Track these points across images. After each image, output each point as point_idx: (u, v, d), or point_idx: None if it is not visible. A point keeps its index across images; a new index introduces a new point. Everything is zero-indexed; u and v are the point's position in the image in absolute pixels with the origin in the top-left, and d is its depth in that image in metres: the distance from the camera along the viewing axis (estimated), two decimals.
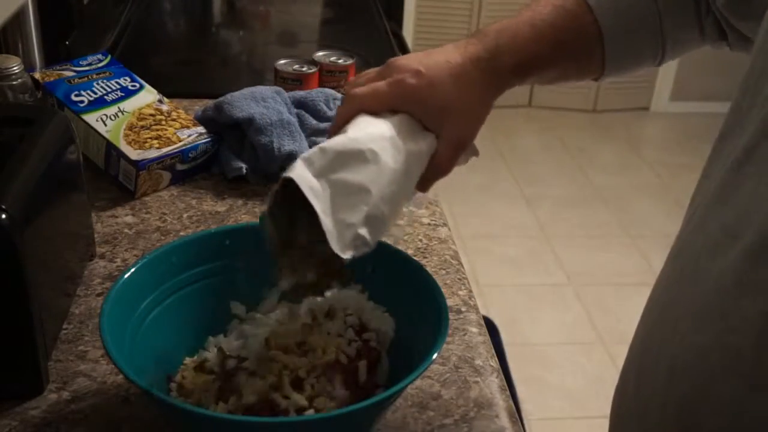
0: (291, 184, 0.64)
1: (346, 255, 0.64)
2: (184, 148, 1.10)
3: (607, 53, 0.78)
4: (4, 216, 0.68)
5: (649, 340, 0.66)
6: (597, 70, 0.80)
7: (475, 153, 0.77)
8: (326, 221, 0.63)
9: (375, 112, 0.71)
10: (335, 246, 0.63)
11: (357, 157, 0.66)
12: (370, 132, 0.68)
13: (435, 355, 0.65)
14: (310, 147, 1.13)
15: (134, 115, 1.12)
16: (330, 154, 0.65)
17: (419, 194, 0.74)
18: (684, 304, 0.61)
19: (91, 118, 1.10)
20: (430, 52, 0.75)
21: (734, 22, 0.74)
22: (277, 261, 0.69)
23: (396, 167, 0.67)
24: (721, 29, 0.76)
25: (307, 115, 1.18)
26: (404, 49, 1.81)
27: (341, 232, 0.64)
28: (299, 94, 1.22)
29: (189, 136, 1.12)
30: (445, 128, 0.72)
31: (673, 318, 0.62)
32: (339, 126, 0.71)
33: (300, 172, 0.64)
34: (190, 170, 1.13)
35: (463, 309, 0.90)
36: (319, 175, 0.64)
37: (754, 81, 0.58)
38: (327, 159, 0.65)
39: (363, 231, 0.64)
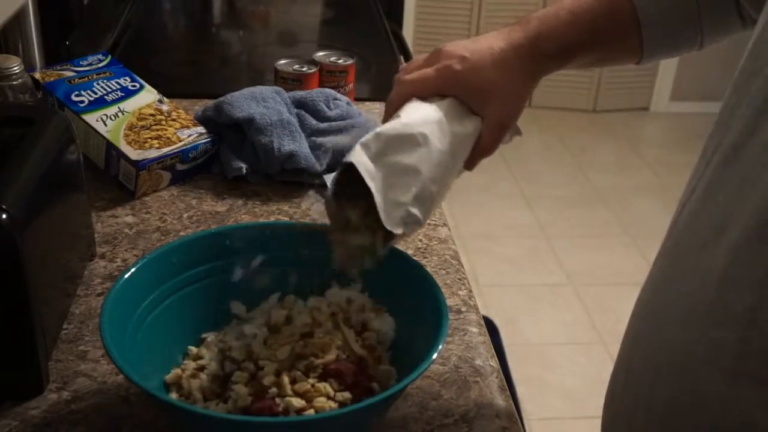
0: (350, 167, 0.69)
1: (398, 231, 0.69)
2: (184, 148, 1.10)
3: (645, 39, 0.79)
4: (4, 216, 0.68)
5: (638, 340, 0.67)
6: (636, 55, 0.82)
7: (518, 132, 0.82)
8: (380, 200, 0.68)
9: (424, 97, 0.75)
10: (387, 222, 0.68)
11: (409, 140, 0.71)
12: (420, 116, 0.73)
13: (435, 355, 0.65)
14: (311, 147, 1.13)
15: (134, 115, 1.12)
16: (384, 139, 0.70)
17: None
18: (671, 302, 0.61)
19: (91, 118, 1.10)
20: (477, 39, 0.79)
21: (752, 14, 0.76)
22: (333, 240, 0.74)
23: (443, 149, 0.72)
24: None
25: (307, 115, 1.18)
26: (404, 49, 1.81)
27: (393, 210, 0.69)
28: (299, 94, 1.22)
29: (189, 136, 1.12)
30: (489, 111, 0.76)
31: (660, 317, 0.62)
32: (391, 111, 0.76)
33: (359, 157, 0.69)
34: (190, 170, 1.13)
35: (463, 309, 0.90)
36: (375, 158, 0.70)
37: (743, 81, 0.59)
38: (381, 143, 0.70)
39: (414, 209, 0.70)
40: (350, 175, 0.69)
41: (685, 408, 0.58)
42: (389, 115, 0.76)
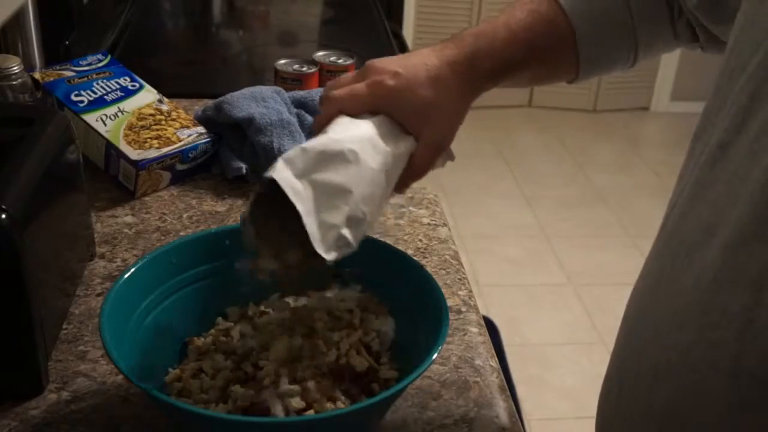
0: (273, 184, 0.64)
1: (330, 256, 0.64)
2: (184, 148, 1.10)
3: (581, 56, 0.79)
4: (4, 216, 0.68)
5: (631, 344, 0.67)
6: (571, 73, 0.81)
7: (451, 157, 0.77)
8: (309, 222, 0.63)
9: (354, 114, 0.71)
10: (319, 247, 0.63)
11: (338, 157, 0.66)
12: (351, 133, 0.68)
13: (435, 355, 0.65)
14: None
15: (134, 115, 1.12)
16: (311, 154, 0.65)
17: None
18: (664, 304, 0.61)
19: (91, 118, 1.10)
20: (408, 55, 0.76)
21: (707, 25, 0.76)
22: (255, 256, 0.69)
23: (376, 167, 0.67)
24: (694, 31, 0.78)
25: (307, 115, 1.18)
26: (404, 49, 1.81)
27: (324, 233, 0.64)
28: (299, 94, 1.22)
29: (189, 136, 1.12)
30: (424, 130, 0.72)
31: (654, 320, 0.62)
32: (319, 128, 0.72)
33: (282, 174, 0.64)
34: (190, 170, 1.13)
35: (463, 309, 0.90)
36: (300, 175, 0.64)
37: (726, 81, 0.59)
38: (308, 159, 0.65)
39: (345, 231, 0.65)
40: (271, 193, 0.64)
41: (684, 409, 0.58)
42: (316, 132, 0.72)
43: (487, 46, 0.75)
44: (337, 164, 0.65)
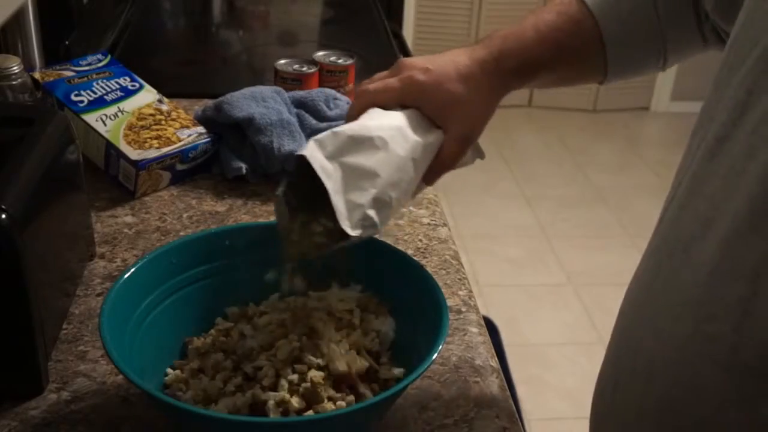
0: (303, 164, 0.67)
1: (354, 233, 0.66)
2: (184, 148, 1.10)
3: (609, 58, 0.80)
4: (4, 216, 0.68)
5: (627, 337, 0.67)
6: (600, 75, 0.82)
7: (481, 155, 0.80)
8: (336, 200, 0.66)
9: (386, 107, 0.74)
10: (344, 224, 0.66)
11: (367, 142, 0.69)
12: (381, 122, 0.71)
13: (435, 355, 0.65)
14: None
15: (134, 115, 1.12)
16: (341, 138, 0.68)
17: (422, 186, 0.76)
18: (661, 299, 0.62)
19: (90, 117, 1.10)
20: (439, 54, 0.78)
21: (725, 28, 0.75)
22: (284, 238, 0.73)
23: (404, 155, 0.70)
24: (720, 35, 0.77)
25: (307, 115, 1.18)
26: (404, 49, 1.81)
27: (350, 212, 0.67)
28: (299, 94, 1.22)
29: (189, 136, 1.12)
30: (452, 123, 0.74)
31: (650, 315, 0.63)
32: (350, 119, 0.74)
33: (313, 153, 0.67)
34: (190, 170, 1.13)
35: (463, 309, 0.90)
36: (330, 157, 0.67)
37: (724, 76, 0.60)
38: (339, 142, 0.68)
39: (371, 212, 0.67)
40: (304, 174, 0.67)
41: (679, 404, 0.59)
42: (348, 122, 0.74)
43: (515, 46, 0.77)
44: (366, 149, 0.68)
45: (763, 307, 0.52)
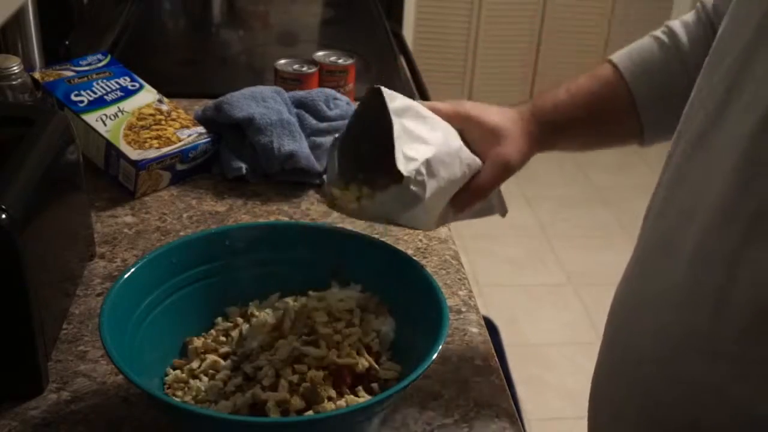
0: (363, 114, 0.72)
1: (408, 172, 0.68)
2: (184, 148, 1.10)
3: (642, 118, 0.81)
4: (4, 216, 0.68)
5: (616, 333, 0.70)
6: (637, 135, 0.84)
7: (503, 210, 0.85)
8: (398, 134, 0.68)
9: None
10: (400, 162, 0.67)
11: (428, 119, 0.73)
12: (435, 116, 0.75)
13: (435, 355, 0.65)
14: (310, 147, 1.13)
15: (134, 115, 1.12)
16: (406, 102, 0.71)
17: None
18: (647, 291, 0.64)
19: (90, 117, 1.10)
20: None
21: None
22: (328, 192, 0.75)
23: (455, 148, 0.73)
24: None
25: (307, 115, 1.18)
26: (404, 49, 1.81)
27: (406, 161, 0.68)
28: (299, 94, 1.22)
29: (189, 136, 1.12)
30: (494, 149, 0.77)
31: (636, 307, 0.66)
32: None
33: (386, 92, 0.70)
34: (190, 170, 1.13)
35: (463, 309, 0.90)
36: (394, 113, 0.69)
37: (706, 75, 0.63)
38: (402, 106, 0.71)
39: (423, 169, 0.69)
40: (357, 136, 0.71)
41: (667, 394, 0.61)
42: None
43: (548, 104, 0.81)
44: (424, 123, 0.72)
45: (739, 294, 0.54)
